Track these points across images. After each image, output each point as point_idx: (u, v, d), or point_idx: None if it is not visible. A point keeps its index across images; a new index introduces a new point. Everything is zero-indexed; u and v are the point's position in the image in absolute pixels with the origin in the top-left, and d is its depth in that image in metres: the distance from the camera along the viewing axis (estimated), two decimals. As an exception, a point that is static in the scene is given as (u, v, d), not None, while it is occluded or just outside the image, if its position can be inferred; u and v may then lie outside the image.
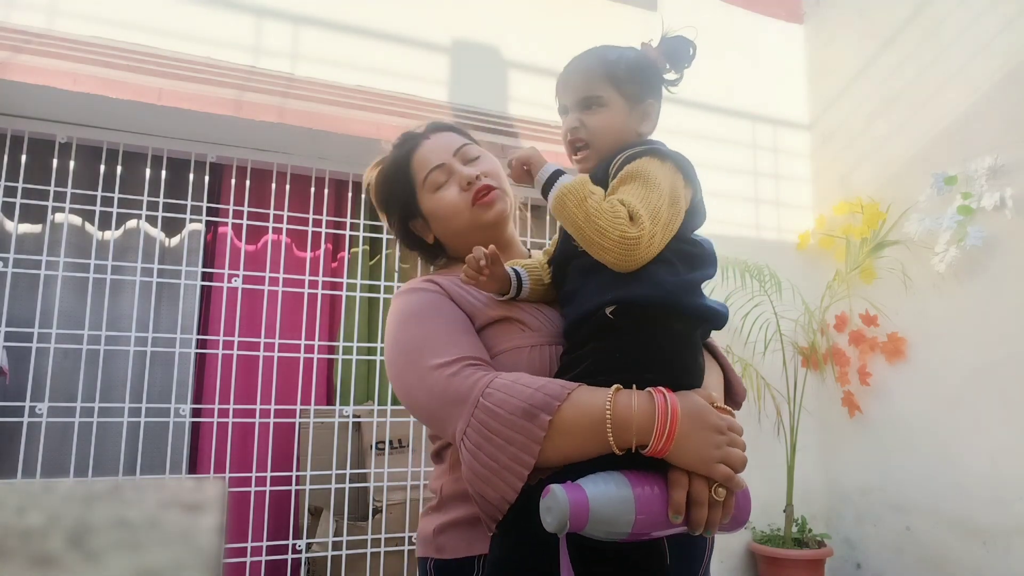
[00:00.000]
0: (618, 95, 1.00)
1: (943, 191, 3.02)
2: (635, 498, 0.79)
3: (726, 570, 3.26)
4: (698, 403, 0.86)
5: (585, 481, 0.79)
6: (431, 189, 1.11)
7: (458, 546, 0.96)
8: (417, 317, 1.00)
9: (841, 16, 3.73)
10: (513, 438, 0.83)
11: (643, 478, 0.82)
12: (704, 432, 0.83)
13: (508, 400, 0.84)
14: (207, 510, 0.32)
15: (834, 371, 3.44)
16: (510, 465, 0.83)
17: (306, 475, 2.61)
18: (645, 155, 0.93)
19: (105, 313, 2.50)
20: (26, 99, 2.34)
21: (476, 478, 0.85)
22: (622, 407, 0.82)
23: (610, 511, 0.77)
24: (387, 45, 2.96)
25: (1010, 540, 2.73)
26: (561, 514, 0.76)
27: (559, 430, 0.83)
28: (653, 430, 0.81)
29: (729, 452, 0.85)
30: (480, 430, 0.85)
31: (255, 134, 2.62)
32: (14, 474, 2.28)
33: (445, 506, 1.01)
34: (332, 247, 3.07)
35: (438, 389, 0.90)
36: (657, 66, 1.03)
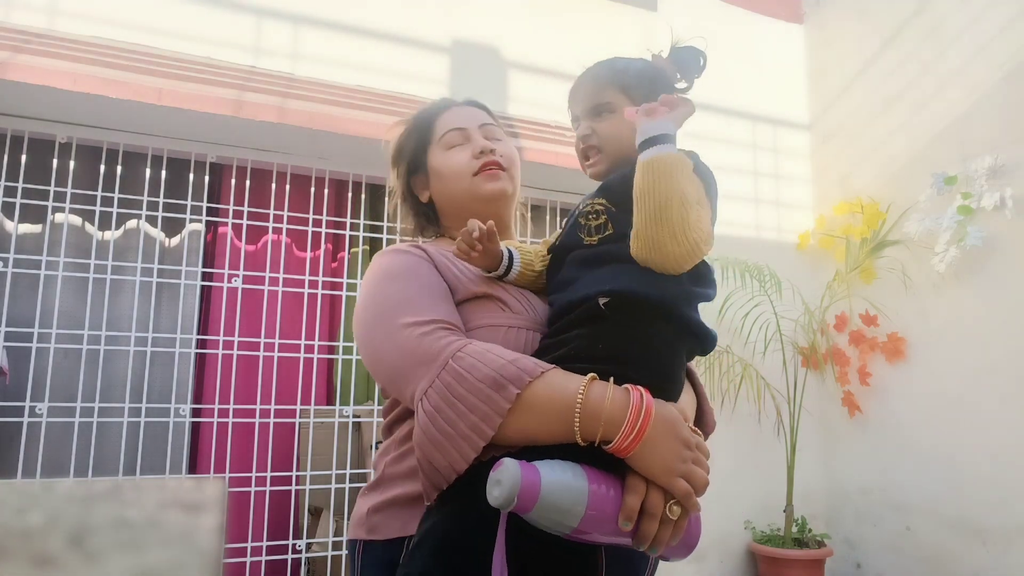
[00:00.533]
0: (627, 100, 1.00)
1: (943, 191, 3.02)
2: (589, 492, 0.75)
3: (726, 570, 3.26)
4: (672, 412, 0.83)
5: (542, 464, 0.75)
6: (444, 146, 1.12)
7: (391, 526, 0.92)
8: (397, 277, 0.96)
9: (841, 16, 3.73)
10: (476, 406, 0.79)
11: (601, 476, 0.78)
12: (673, 442, 0.80)
13: (478, 366, 0.80)
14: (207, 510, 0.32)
15: (834, 371, 3.44)
16: (467, 434, 0.78)
17: (306, 475, 2.61)
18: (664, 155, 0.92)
19: (105, 313, 2.50)
20: (26, 99, 2.34)
21: (428, 441, 0.80)
22: (595, 396, 0.79)
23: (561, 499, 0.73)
24: (387, 45, 2.96)
25: (1010, 540, 2.73)
26: (510, 489, 0.72)
27: (525, 406, 0.79)
28: (623, 425, 0.77)
29: (693, 469, 0.81)
30: (443, 392, 0.80)
31: (255, 134, 2.62)
32: (14, 474, 2.28)
33: (384, 484, 0.96)
34: (332, 247, 3.07)
35: (408, 347, 0.86)
36: (666, 74, 1.03)
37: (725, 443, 3.34)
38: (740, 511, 3.32)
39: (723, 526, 3.28)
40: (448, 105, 1.17)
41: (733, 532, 3.30)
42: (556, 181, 3.04)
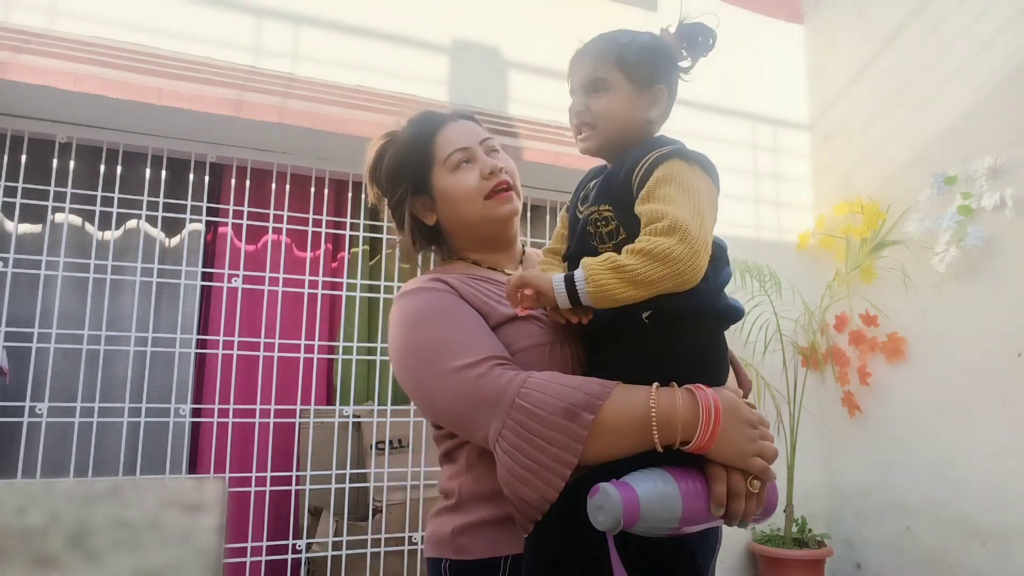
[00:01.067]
0: (625, 79, 0.98)
1: (943, 191, 3.02)
2: (681, 494, 0.80)
3: (726, 570, 3.26)
4: (733, 399, 0.87)
5: (632, 478, 0.79)
6: (451, 168, 1.08)
7: (481, 547, 0.95)
8: (430, 318, 0.96)
9: (841, 16, 3.73)
10: (554, 438, 0.82)
11: (686, 474, 0.83)
12: (740, 427, 0.85)
13: (546, 400, 0.83)
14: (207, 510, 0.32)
15: (834, 371, 3.44)
16: (551, 465, 0.82)
17: (306, 475, 2.61)
18: (673, 157, 0.91)
19: (105, 313, 2.49)
20: (26, 99, 2.34)
21: (514, 479, 0.83)
22: (666, 404, 0.83)
23: (660, 508, 0.78)
24: (387, 45, 2.96)
25: (1010, 540, 2.73)
26: (615, 512, 0.76)
27: (602, 429, 0.82)
28: (698, 426, 0.82)
29: (763, 445, 0.87)
30: (517, 431, 0.83)
31: (255, 134, 2.62)
32: (14, 474, 2.28)
33: (465, 507, 0.98)
34: (332, 247, 3.07)
35: (466, 391, 0.88)
36: (672, 52, 1.01)
37: (725, 443, 3.33)
38: (740, 511, 3.32)
39: (723, 526, 3.27)
40: (443, 121, 1.13)
41: (733, 532, 3.29)
42: (556, 181, 3.03)
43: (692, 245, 0.83)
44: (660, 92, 0.99)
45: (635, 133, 0.98)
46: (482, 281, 1.05)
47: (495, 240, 1.11)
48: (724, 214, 1.19)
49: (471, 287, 1.02)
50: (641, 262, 0.82)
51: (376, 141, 1.18)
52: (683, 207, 0.85)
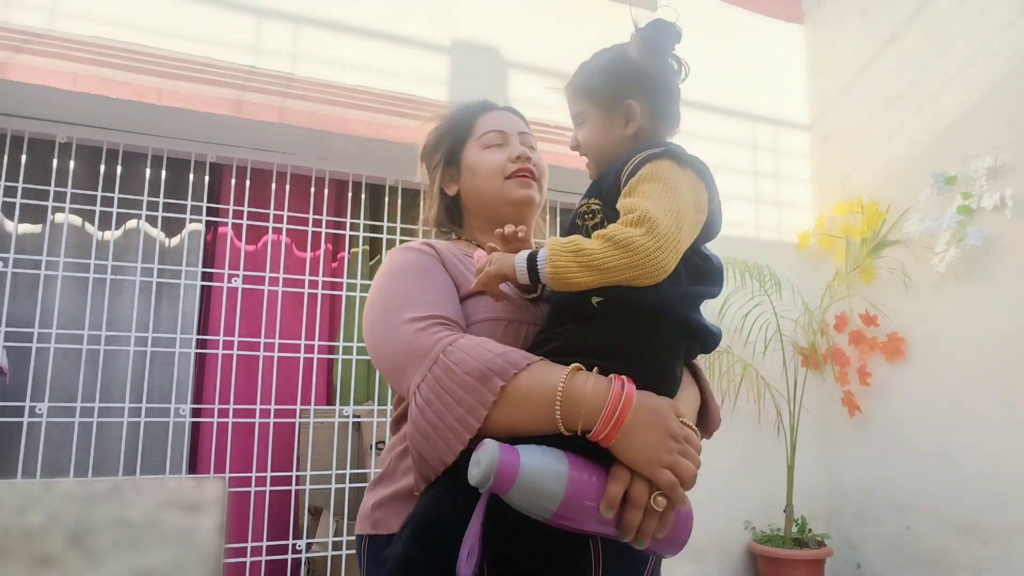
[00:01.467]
0: (593, 107, 1.00)
1: (943, 191, 3.02)
2: (569, 477, 0.76)
3: (726, 570, 3.26)
4: (660, 404, 0.83)
5: (525, 447, 0.77)
6: (483, 145, 1.13)
7: (394, 521, 0.92)
8: (404, 273, 0.99)
9: (841, 16, 3.73)
10: (463, 398, 0.80)
11: (585, 464, 0.79)
12: (657, 433, 0.80)
13: (466, 360, 0.82)
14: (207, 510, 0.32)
15: (834, 371, 3.44)
16: (454, 426, 0.80)
17: (306, 475, 2.61)
18: (662, 157, 0.89)
19: (105, 313, 2.50)
20: (26, 99, 2.34)
21: (418, 434, 0.82)
22: (576, 386, 0.80)
23: (540, 482, 0.74)
24: (387, 45, 2.96)
25: (1010, 540, 2.73)
26: (488, 468, 0.73)
27: (511, 398, 0.80)
28: (601, 414, 0.78)
29: (679, 460, 0.81)
30: (433, 386, 0.82)
31: (255, 134, 2.62)
32: (14, 474, 2.28)
33: (387, 478, 0.97)
34: (332, 247, 3.07)
35: (404, 341, 0.89)
36: (636, 63, 0.97)
37: (725, 443, 3.33)
38: (740, 511, 3.32)
39: (723, 526, 3.28)
40: (491, 107, 1.20)
41: (733, 532, 3.30)
42: (556, 181, 3.03)
43: (658, 240, 0.80)
44: (630, 107, 0.97)
45: (621, 152, 0.96)
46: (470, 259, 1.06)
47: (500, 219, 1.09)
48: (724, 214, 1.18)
49: (457, 258, 1.04)
50: (602, 247, 0.81)
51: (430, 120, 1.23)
52: (659, 203, 0.83)
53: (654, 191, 0.85)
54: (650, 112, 0.98)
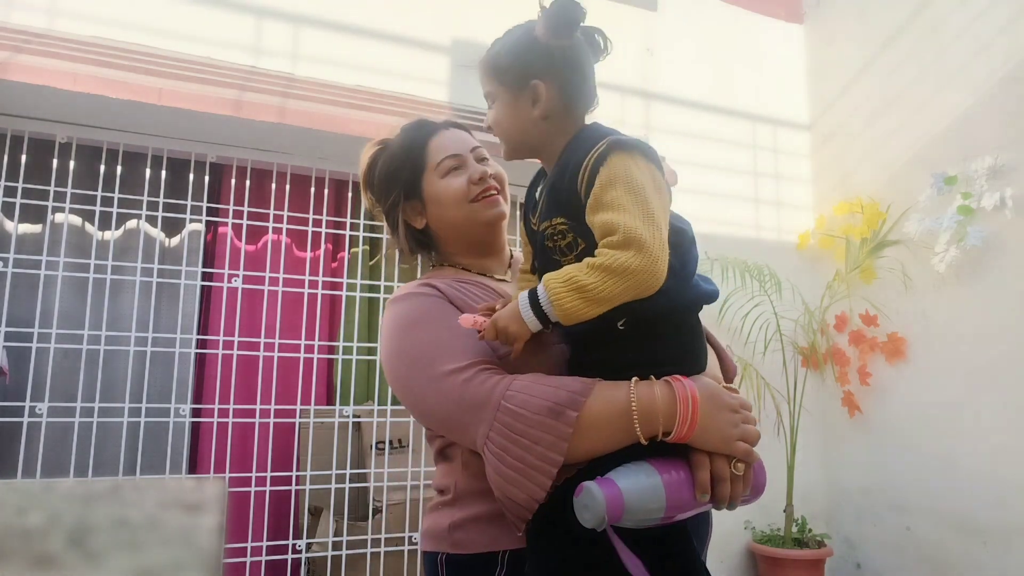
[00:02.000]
0: (501, 87, 0.98)
1: (943, 191, 3.02)
2: (664, 485, 0.83)
3: (726, 570, 3.26)
4: (712, 386, 0.88)
5: (616, 474, 0.82)
6: (441, 173, 1.10)
7: (478, 541, 0.96)
8: (419, 323, 0.99)
9: (841, 16, 3.73)
10: (540, 438, 0.83)
11: (668, 464, 0.85)
12: (722, 413, 0.86)
13: (531, 400, 0.85)
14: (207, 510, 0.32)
15: (834, 371, 3.44)
16: (538, 464, 0.83)
17: (306, 475, 2.61)
18: (613, 152, 0.88)
19: (105, 313, 2.49)
20: (26, 99, 2.34)
21: (503, 481, 0.85)
22: (646, 397, 0.84)
23: (642, 501, 0.81)
24: (387, 45, 2.96)
25: (1010, 540, 2.73)
26: (599, 510, 0.78)
27: (586, 425, 0.84)
28: (677, 417, 0.83)
29: (746, 429, 0.88)
30: (504, 432, 0.85)
31: (255, 134, 2.62)
32: (14, 474, 2.28)
33: (461, 502, 1.00)
34: (332, 247, 3.07)
35: (454, 396, 0.90)
36: (541, 43, 0.95)
37: (725, 443, 3.34)
38: (740, 511, 3.31)
39: (723, 526, 3.27)
40: (436, 128, 1.15)
41: (733, 532, 3.30)
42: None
43: (649, 253, 0.82)
44: (537, 88, 0.95)
45: (532, 133, 0.96)
46: (471, 285, 1.07)
47: (482, 244, 1.13)
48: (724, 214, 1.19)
49: (459, 291, 1.04)
50: (601, 279, 0.82)
51: (369, 148, 1.19)
52: (633, 213, 0.83)
53: (621, 198, 0.84)
54: (559, 93, 0.95)
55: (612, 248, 0.83)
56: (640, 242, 0.82)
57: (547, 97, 0.95)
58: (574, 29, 0.95)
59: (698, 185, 3.43)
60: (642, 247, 0.82)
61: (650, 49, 3.51)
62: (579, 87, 0.97)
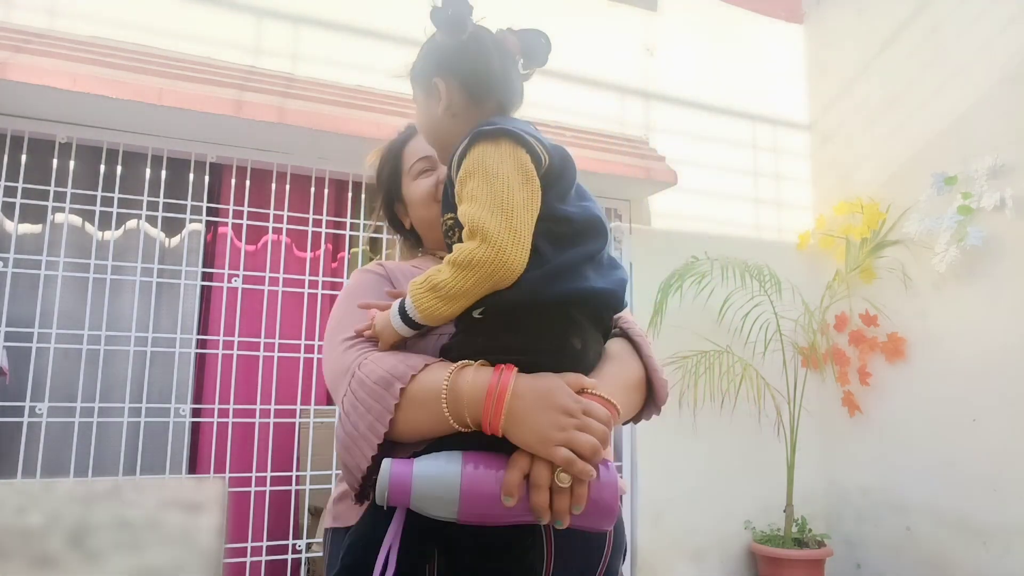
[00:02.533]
0: (416, 88, 1.02)
1: (943, 191, 3.02)
2: (462, 476, 0.76)
3: (726, 570, 3.26)
4: (549, 382, 0.81)
5: (420, 458, 0.79)
6: (413, 176, 1.16)
7: (351, 515, 0.95)
8: (349, 297, 1.03)
9: (841, 16, 3.73)
10: (372, 407, 0.83)
11: (484, 459, 0.79)
12: (547, 412, 0.79)
13: (375, 370, 0.85)
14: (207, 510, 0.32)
15: (834, 371, 3.44)
16: (366, 434, 0.82)
17: (306, 475, 2.61)
18: (476, 142, 0.87)
19: (105, 313, 2.49)
20: (26, 99, 2.34)
21: (340, 445, 0.86)
22: (460, 381, 0.81)
23: (433, 487, 0.76)
24: (387, 45, 2.96)
25: (1010, 540, 2.73)
26: (383, 484, 0.76)
27: (410, 401, 0.82)
28: (482, 404, 0.79)
29: (575, 436, 0.78)
30: (351, 399, 0.85)
31: (255, 134, 2.62)
32: (14, 474, 2.28)
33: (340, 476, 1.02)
34: (332, 247, 3.07)
35: (334, 361, 0.93)
36: (440, 44, 0.97)
37: (725, 443, 3.34)
38: (740, 511, 3.32)
39: (723, 526, 3.28)
40: (413, 133, 1.20)
41: (733, 532, 3.30)
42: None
43: (494, 243, 0.80)
44: (436, 86, 0.96)
45: (442, 129, 0.97)
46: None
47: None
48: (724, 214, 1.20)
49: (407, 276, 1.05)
50: (452, 274, 0.82)
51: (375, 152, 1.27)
52: (482, 202, 0.82)
53: (476, 189, 0.84)
54: (459, 88, 0.96)
55: (464, 241, 0.83)
56: (484, 232, 0.80)
57: (447, 93, 0.95)
58: (463, 25, 0.95)
59: (698, 185, 3.44)
60: (487, 237, 0.80)
61: (650, 49, 3.51)
62: (482, 82, 0.96)
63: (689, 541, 3.21)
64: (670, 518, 3.18)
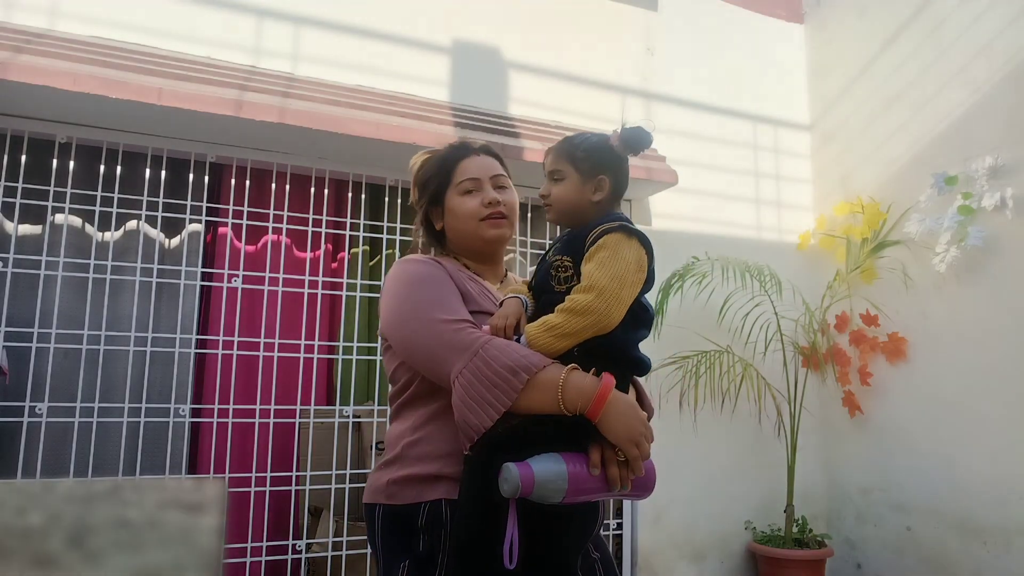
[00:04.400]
0: (573, 171, 1.26)
1: (943, 191, 3.02)
2: (568, 471, 1.09)
3: (726, 570, 3.26)
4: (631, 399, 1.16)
5: (533, 460, 1.08)
6: (460, 192, 1.36)
7: (407, 494, 1.21)
8: (426, 282, 1.25)
9: (841, 16, 3.73)
10: (498, 383, 1.10)
11: (576, 458, 1.11)
12: (631, 419, 1.12)
13: (500, 358, 1.12)
14: (207, 510, 0.32)
15: (835, 371, 3.44)
16: (492, 401, 1.10)
17: (306, 475, 2.61)
18: (617, 231, 1.18)
19: (105, 313, 2.49)
20: (26, 99, 2.34)
21: (463, 406, 1.11)
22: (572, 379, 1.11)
23: (550, 481, 1.07)
24: (387, 45, 2.96)
25: (1010, 540, 2.73)
26: (514, 483, 1.05)
27: (532, 387, 1.10)
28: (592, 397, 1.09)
29: (643, 440, 1.13)
30: (475, 372, 1.12)
31: (255, 134, 2.62)
32: (14, 474, 2.28)
33: (403, 461, 1.24)
34: (332, 247, 3.07)
35: (444, 337, 1.17)
36: (615, 150, 1.27)
37: (725, 443, 3.34)
38: (740, 511, 3.32)
39: (723, 526, 3.28)
40: (467, 152, 1.40)
41: (733, 532, 3.30)
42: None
43: (605, 299, 1.12)
44: (602, 181, 1.26)
45: (584, 210, 1.26)
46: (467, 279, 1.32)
47: (481, 254, 1.40)
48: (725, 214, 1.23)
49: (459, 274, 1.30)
50: (566, 319, 1.14)
51: (421, 154, 1.44)
52: (607, 270, 1.14)
53: (605, 259, 1.15)
54: (612, 188, 1.27)
55: (578, 292, 1.14)
56: (600, 289, 1.12)
57: (606, 189, 1.26)
58: (640, 150, 1.27)
59: (698, 185, 3.43)
60: (601, 294, 1.12)
61: (650, 49, 3.51)
62: (623, 186, 1.31)
63: (689, 541, 3.21)
64: (670, 518, 3.18)
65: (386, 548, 1.23)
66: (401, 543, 1.21)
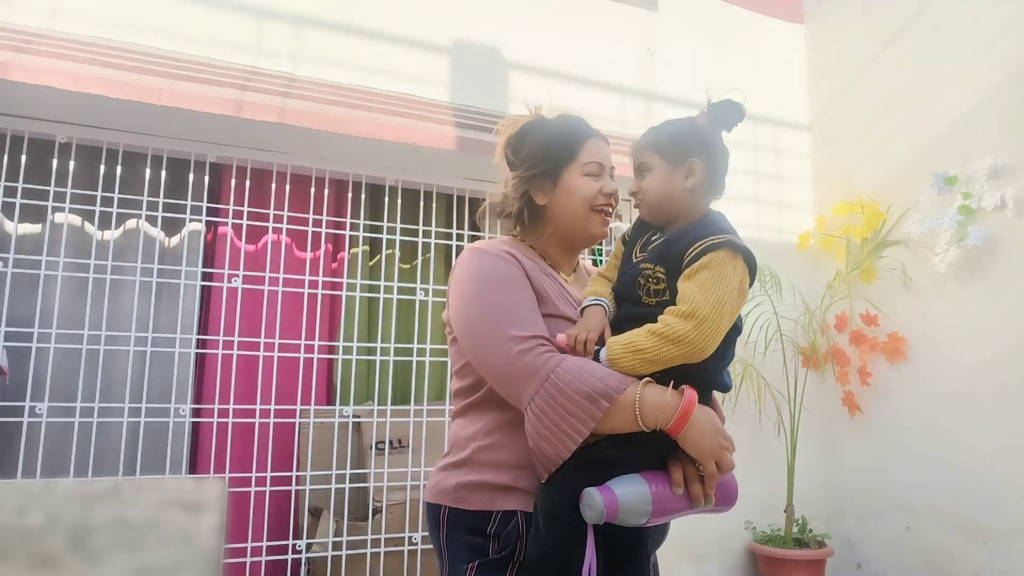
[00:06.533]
0: (660, 159, 1.18)
1: (943, 191, 3.02)
2: (652, 492, 1.05)
3: (726, 570, 3.26)
4: (713, 414, 1.10)
5: (614, 483, 1.04)
6: (582, 172, 1.27)
7: (478, 501, 1.15)
8: (500, 283, 1.17)
9: (841, 16, 3.73)
10: (575, 412, 1.04)
11: (656, 476, 1.07)
12: (714, 434, 1.07)
13: (574, 383, 1.05)
14: (207, 510, 0.32)
15: (834, 371, 3.44)
16: (568, 432, 1.04)
17: (306, 475, 2.61)
18: (722, 248, 1.08)
19: (105, 313, 2.49)
20: (26, 99, 2.34)
21: (538, 436, 1.06)
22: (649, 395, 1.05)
23: (634, 504, 1.03)
24: (387, 45, 2.96)
25: (1010, 540, 2.73)
26: (598, 509, 1.01)
27: (609, 412, 1.04)
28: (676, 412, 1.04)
29: (725, 454, 1.09)
30: (548, 399, 1.05)
31: (255, 134, 2.62)
32: (14, 474, 2.28)
33: (473, 466, 1.18)
34: (332, 247, 3.07)
35: (512, 358, 1.09)
36: (703, 130, 1.18)
37: (725, 443, 3.34)
38: (740, 511, 3.31)
39: (723, 526, 3.28)
40: (593, 133, 1.31)
41: (733, 532, 3.29)
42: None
43: (704, 330, 1.03)
44: (694, 164, 1.16)
45: (677, 200, 1.17)
46: (544, 275, 1.24)
47: (573, 244, 1.32)
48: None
49: (535, 272, 1.21)
50: (657, 344, 1.05)
51: (523, 117, 1.33)
52: (709, 296, 1.05)
53: (708, 281, 1.06)
54: (707, 173, 1.17)
55: (675, 316, 1.05)
56: (700, 319, 1.03)
57: (699, 173, 1.16)
58: (734, 124, 1.18)
59: (698, 185, 3.43)
60: (701, 323, 1.03)
61: (650, 49, 3.51)
62: (720, 173, 1.19)
63: (689, 541, 3.21)
64: (670, 518, 3.18)
65: (452, 547, 1.18)
66: (469, 545, 1.15)
